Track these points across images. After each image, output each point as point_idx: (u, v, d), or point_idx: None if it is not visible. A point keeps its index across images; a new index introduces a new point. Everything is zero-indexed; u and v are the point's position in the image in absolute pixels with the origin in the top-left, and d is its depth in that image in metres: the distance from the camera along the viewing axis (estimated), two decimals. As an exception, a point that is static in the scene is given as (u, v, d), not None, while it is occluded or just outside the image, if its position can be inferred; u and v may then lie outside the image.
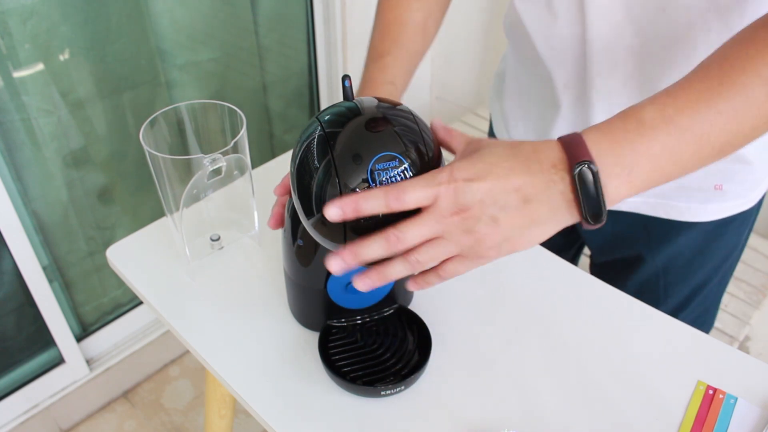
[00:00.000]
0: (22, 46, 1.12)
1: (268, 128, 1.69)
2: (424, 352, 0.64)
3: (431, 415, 0.62)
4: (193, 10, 1.35)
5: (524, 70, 0.82)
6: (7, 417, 1.40)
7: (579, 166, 0.44)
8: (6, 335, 1.35)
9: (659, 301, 0.88)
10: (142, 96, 1.34)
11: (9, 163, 1.20)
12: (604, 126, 0.47)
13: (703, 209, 0.79)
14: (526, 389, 0.64)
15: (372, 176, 0.47)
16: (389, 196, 0.45)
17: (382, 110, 0.50)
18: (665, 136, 0.45)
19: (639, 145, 0.45)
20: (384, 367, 0.64)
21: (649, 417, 0.62)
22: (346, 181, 0.47)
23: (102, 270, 1.46)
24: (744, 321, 1.51)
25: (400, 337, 0.66)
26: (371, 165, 0.47)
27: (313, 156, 0.48)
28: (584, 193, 0.44)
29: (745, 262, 1.65)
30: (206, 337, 0.69)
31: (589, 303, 0.73)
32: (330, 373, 0.63)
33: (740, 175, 0.76)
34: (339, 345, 0.66)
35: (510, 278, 0.75)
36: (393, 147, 0.47)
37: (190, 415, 1.56)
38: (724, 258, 0.86)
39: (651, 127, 0.45)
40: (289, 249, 0.63)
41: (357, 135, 0.48)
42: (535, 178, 0.45)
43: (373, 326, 0.67)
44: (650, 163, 0.46)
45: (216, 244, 0.78)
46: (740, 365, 0.66)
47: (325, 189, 0.47)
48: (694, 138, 0.46)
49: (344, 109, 0.50)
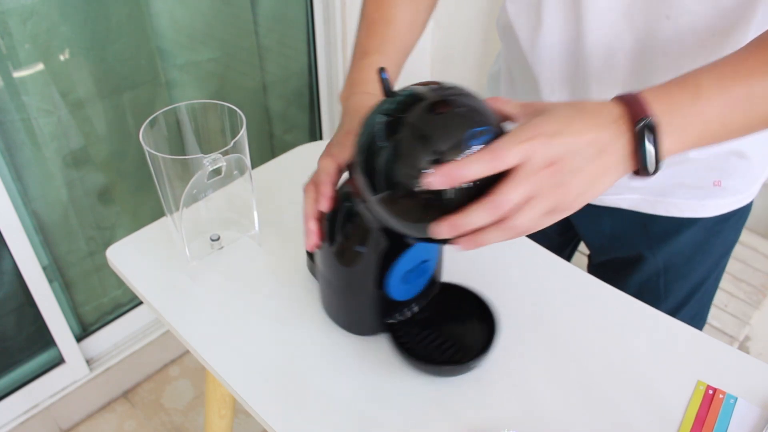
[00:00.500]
0: (22, 46, 1.12)
1: (268, 128, 1.69)
2: (486, 320, 0.67)
3: (431, 415, 0.62)
4: (193, 10, 1.35)
5: (516, 73, 0.82)
6: (7, 417, 1.40)
7: (641, 122, 0.47)
8: (6, 335, 1.35)
9: (660, 300, 0.88)
10: (142, 96, 1.34)
11: (9, 163, 1.20)
12: (662, 89, 0.50)
13: (702, 206, 0.79)
14: (526, 389, 0.64)
15: (466, 147, 0.48)
16: (490, 156, 0.46)
17: (454, 90, 0.51)
18: (720, 104, 0.49)
19: (694, 109, 0.49)
20: (457, 341, 0.66)
21: (649, 417, 0.62)
22: (444, 152, 0.47)
23: (102, 270, 1.46)
24: (744, 321, 1.51)
25: (460, 310, 0.68)
26: (466, 135, 0.48)
27: (404, 131, 0.49)
28: (644, 146, 0.48)
29: (745, 262, 1.65)
30: (206, 337, 0.69)
31: (589, 303, 0.73)
32: (424, 365, 0.64)
33: (739, 171, 0.76)
34: (409, 337, 0.66)
35: (510, 278, 0.75)
36: (480, 120, 0.49)
37: (190, 415, 1.56)
38: (723, 254, 0.87)
39: (707, 95, 0.49)
40: (332, 257, 0.62)
41: (448, 111, 0.49)
42: (604, 132, 0.48)
43: (431, 310, 0.68)
44: (702, 126, 0.50)
45: (216, 244, 0.78)
46: (740, 365, 0.66)
47: (418, 162, 0.47)
48: (746, 108, 0.50)
49: (416, 92, 0.50)
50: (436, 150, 0.47)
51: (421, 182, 0.47)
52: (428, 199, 0.48)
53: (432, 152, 0.47)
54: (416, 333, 0.66)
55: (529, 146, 0.46)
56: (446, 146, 0.47)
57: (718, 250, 0.86)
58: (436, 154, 0.47)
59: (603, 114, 0.49)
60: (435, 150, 0.47)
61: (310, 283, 0.74)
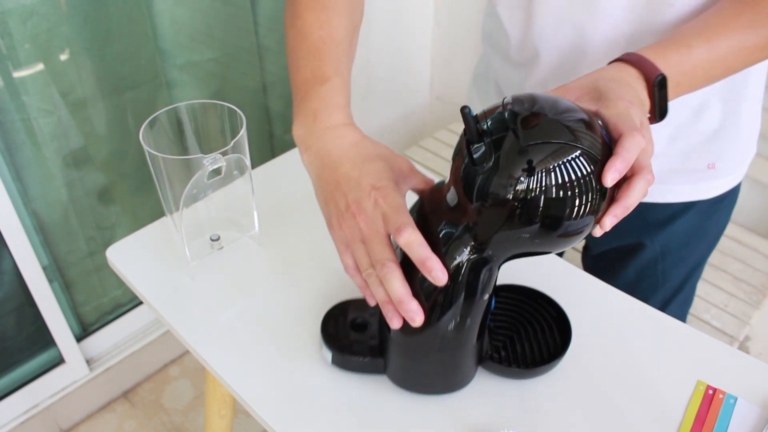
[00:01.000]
0: (22, 46, 1.12)
1: (268, 128, 1.69)
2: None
3: (431, 414, 0.62)
4: (194, 10, 1.35)
5: (500, 75, 0.84)
6: (7, 417, 1.40)
7: (659, 77, 0.55)
8: (6, 335, 1.35)
9: (658, 286, 0.90)
10: (142, 96, 1.34)
11: (9, 163, 1.20)
12: (659, 50, 0.58)
13: (698, 189, 0.81)
14: (526, 389, 0.64)
15: (601, 133, 0.50)
16: (639, 132, 0.49)
17: (522, 99, 0.51)
18: (708, 61, 0.59)
19: (687, 65, 0.58)
20: (528, 343, 0.66)
21: (649, 417, 0.62)
22: (596, 155, 0.48)
23: (102, 270, 1.46)
24: (744, 321, 1.51)
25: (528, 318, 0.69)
26: (592, 125, 0.49)
27: (572, 150, 0.48)
28: (660, 97, 0.56)
29: (745, 262, 1.65)
30: (206, 337, 0.69)
31: (589, 303, 0.73)
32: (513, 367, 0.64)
33: (729, 152, 0.79)
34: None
35: (509, 278, 0.75)
36: (573, 110, 0.50)
37: (190, 415, 1.56)
38: (716, 236, 0.90)
39: (698, 53, 0.58)
40: (447, 321, 0.56)
41: (572, 120, 0.49)
42: (638, 92, 0.55)
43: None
44: (693, 78, 0.59)
45: (216, 244, 0.78)
46: (740, 365, 0.66)
47: (587, 168, 0.48)
48: (728, 62, 0.61)
49: (506, 117, 0.50)
50: (590, 155, 0.48)
51: (606, 181, 0.47)
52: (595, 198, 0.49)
53: (590, 158, 0.48)
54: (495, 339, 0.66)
55: (634, 112, 0.51)
56: (591, 146, 0.48)
57: (712, 233, 0.88)
58: (594, 157, 0.48)
59: (627, 76, 0.56)
60: (590, 156, 0.48)
61: (311, 284, 0.74)
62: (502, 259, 0.55)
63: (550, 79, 0.76)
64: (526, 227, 0.49)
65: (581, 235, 0.51)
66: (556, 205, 0.48)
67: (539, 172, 0.47)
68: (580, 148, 0.47)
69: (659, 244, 0.87)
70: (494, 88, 0.88)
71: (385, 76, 1.90)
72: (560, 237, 0.50)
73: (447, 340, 0.58)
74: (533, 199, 0.48)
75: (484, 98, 0.92)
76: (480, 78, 0.93)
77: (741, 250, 1.68)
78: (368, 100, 1.89)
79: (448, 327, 0.56)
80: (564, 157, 0.47)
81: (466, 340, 0.59)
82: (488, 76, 0.90)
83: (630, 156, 0.47)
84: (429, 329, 0.56)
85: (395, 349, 0.60)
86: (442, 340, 0.58)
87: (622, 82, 0.54)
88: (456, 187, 0.53)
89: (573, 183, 0.47)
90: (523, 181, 0.47)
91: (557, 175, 0.47)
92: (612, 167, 0.47)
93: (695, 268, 0.91)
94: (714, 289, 1.58)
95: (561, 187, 0.47)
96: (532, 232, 0.50)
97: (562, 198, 0.48)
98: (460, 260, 0.53)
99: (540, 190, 0.47)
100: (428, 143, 2.02)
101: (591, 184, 0.48)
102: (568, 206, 0.48)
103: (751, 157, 0.84)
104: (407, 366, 0.62)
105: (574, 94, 0.55)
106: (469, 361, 0.62)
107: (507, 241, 0.52)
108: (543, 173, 0.47)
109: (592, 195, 0.48)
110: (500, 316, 0.68)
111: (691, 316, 1.52)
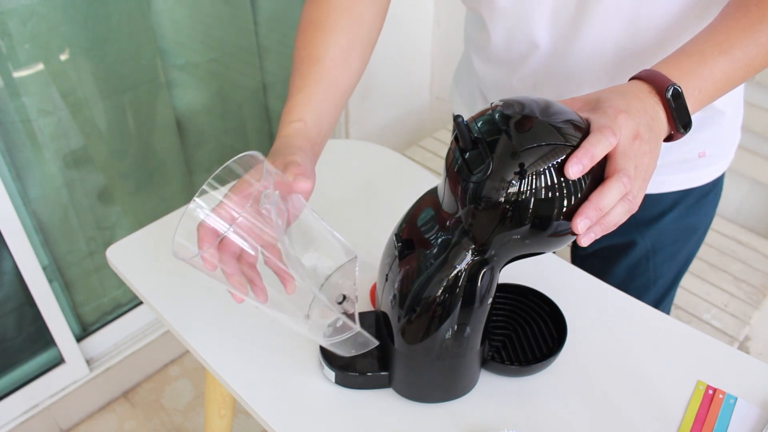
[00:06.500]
0: (22, 47, 1.12)
1: (268, 128, 1.69)
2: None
3: (432, 414, 0.62)
4: (193, 10, 1.35)
5: (485, 75, 0.84)
6: (7, 417, 1.40)
7: (670, 89, 0.54)
8: (6, 335, 1.35)
9: (650, 284, 0.90)
10: (142, 96, 1.34)
11: (9, 163, 1.20)
12: (671, 62, 0.57)
13: (689, 177, 0.83)
14: (526, 389, 0.64)
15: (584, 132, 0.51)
16: (608, 132, 0.50)
17: (512, 103, 0.53)
18: (724, 65, 0.58)
19: (703, 72, 0.57)
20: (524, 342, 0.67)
21: (649, 417, 0.62)
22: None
23: (102, 270, 1.46)
24: (744, 321, 1.51)
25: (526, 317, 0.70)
26: (573, 121, 0.51)
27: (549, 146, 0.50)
28: (677, 107, 0.55)
29: (745, 262, 1.65)
30: (206, 337, 0.69)
31: (588, 303, 0.73)
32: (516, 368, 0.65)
33: (718, 139, 0.81)
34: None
35: (509, 277, 0.75)
36: (562, 112, 0.52)
37: (190, 415, 1.56)
38: (704, 231, 0.91)
39: (712, 59, 0.57)
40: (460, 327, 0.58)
41: (560, 120, 0.51)
42: (648, 105, 0.54)
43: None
44: (713, 86, 0.58)
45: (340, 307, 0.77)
46: (740, 365, 0.66)
47: (556, 160, 0.49)
48: (744, 65, 0.59)
49: (497, 121, 0.51)
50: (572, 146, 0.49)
51: (568, 173, 0.49)
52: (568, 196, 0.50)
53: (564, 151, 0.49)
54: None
55: (621, 118, 0.51)
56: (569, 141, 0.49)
57: (700, 227, 0.90)
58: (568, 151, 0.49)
59: (636, 90, 0.55)
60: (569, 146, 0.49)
61: (310, 283, 0.74)
62: (503, 262, 0.55)
63: (531, 78, 0.77)
64: (523, 228, 0.51)
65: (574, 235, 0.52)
66: (546, 205, 0.50)
67: (530, 174, 0.49)
68: (572, 147, 0.49)
69: (650, 241, 0.87)
70: (477, 88, 0.89)
71: (385, 76, 1.90)
72: (551, 237, 0.52)
73: (454, 346, 0.58)
74: (525, 201, 0.50)
75: (466, 99, 0.93)
76: (461, 78, 0.94)
77: (741, 250, 1.68)
78: (368, 100, 1.90)
79: (455, 333, 0.57)
80: (557, 158, 0.49)
81: (472, 344, 0.59)
82: (470, 76, 0.90)
83: (594, 150, 0.49)
84: (435, 337, 0.57)
85: (401, 361, 0.61)
86: (449, 347, 0.58)
87: (630, 95, 0.54)
88: (452, 193, 0.54)
89: (562, 183, 0.49)
90: (515, 184, 0.49)
91: (547, 177, 0.49)
92: (573, 158, 0.49)
93: (685, 264, 0.92)
94: (714, 289, 1.58)
95: (550, 188, 0.49)
96: (524, 233, 0.51)
97: (551, 198, 0.50)
98: (461, 267, 0.54)
99: (531, 191, 0.49)
100: (428, 143, 2.02)
101: (579, 184, 0.50)
102: (556, 206, 0.50)
103: (738, 140, 0.86)
104: (413, 379, 0.62)
105: (577, 105, 0.56)
106: (474, 364, 0.62)
107: (507, 243, 0.53)
108: (534, 175, 0.49)
109: (581, 194, 0.50)
110: (496, 316, 0.69)
111: (691, 316, 1.52)
